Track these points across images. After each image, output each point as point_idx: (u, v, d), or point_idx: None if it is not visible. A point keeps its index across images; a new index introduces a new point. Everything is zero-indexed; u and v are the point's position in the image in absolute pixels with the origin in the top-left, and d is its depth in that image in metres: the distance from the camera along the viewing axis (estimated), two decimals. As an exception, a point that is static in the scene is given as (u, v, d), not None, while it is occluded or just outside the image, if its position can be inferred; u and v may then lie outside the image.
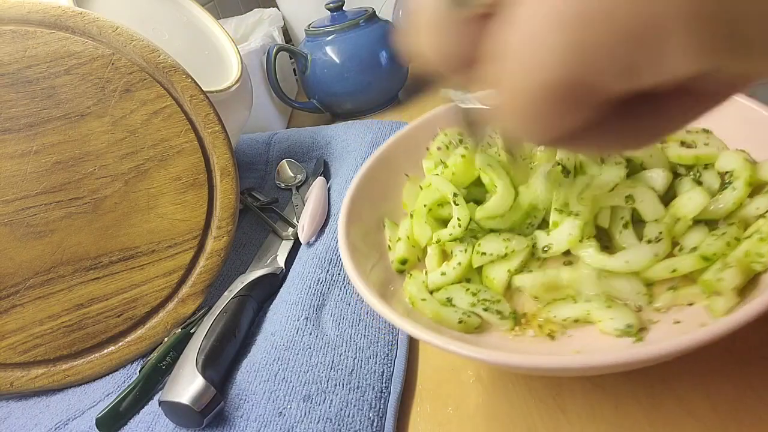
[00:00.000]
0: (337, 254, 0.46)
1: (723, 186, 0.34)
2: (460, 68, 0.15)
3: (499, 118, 0.15)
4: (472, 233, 0.37)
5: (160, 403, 0.34)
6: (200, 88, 0.45)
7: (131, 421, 0.37)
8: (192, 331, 0.42)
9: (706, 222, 0.33)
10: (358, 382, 0.34)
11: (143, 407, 0.38)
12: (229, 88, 0.55)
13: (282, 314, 0.41)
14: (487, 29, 0.14)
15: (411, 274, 0.36)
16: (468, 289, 0.34)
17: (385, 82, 0.79)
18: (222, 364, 0.37)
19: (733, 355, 0.30)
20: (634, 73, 0.12)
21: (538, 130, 0.14)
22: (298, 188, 0.61)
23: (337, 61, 0.75)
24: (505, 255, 0.34)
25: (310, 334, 0.38)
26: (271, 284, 0.46)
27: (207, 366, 0.36)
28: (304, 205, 0.55)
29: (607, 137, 0.15)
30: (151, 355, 0.41)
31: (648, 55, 0.12)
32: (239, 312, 0.41)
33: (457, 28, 0.15)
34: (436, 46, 0.15)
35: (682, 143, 0.36)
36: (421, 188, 0.40)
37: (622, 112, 0.14)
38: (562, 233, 0.33)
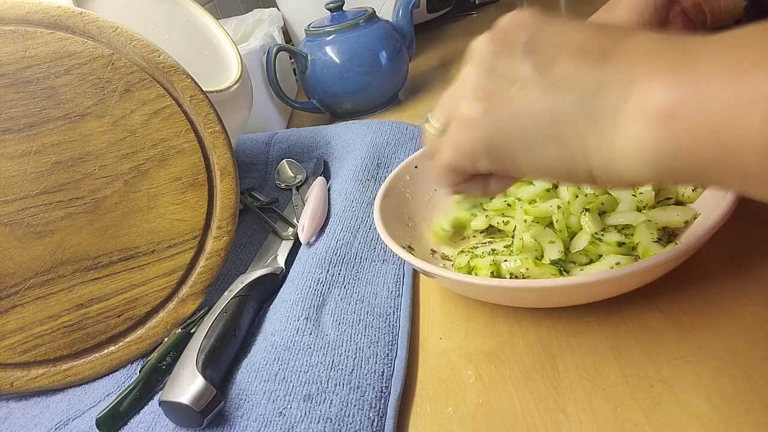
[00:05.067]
0: (337, 254, 0.46)
1: None
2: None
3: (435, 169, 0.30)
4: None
5: (161, 403, 0.34)
6: (200, 88, 0.45)
7: (131, 421, 0.37)
8: (192, 331, 0.42)
9: None
10: (358, 382, 0.34)
11: (143, 407, 0.38)
12: (229, 88, 0.55)
13: (282, 314, 0.41)
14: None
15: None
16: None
17: (385, 82, 0.79)
18: (222, 364, 0.37)
19: (732, 355, 0.30)
20: (474, 165, 0.27)
21: (447, 180, 0.30)
22: (298, 188, 0.61)
23: (337, 61, 0.75)
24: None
25: (310, 334, 0.38)
26: (271, 284, 0.46)
27: (207, 366, 0.36)
28: (304, 205, 0.55)
29: (476, 187, 0.30)
30: (152, 355, 0.41)
31: (474, 162, 0.27)
32: (239, 312, 0.41)
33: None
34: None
35: None
36: None
37: (480, 178, 0.30)
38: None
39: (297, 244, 0.51)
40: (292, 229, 0.53)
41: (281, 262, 0.49)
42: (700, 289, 0.35)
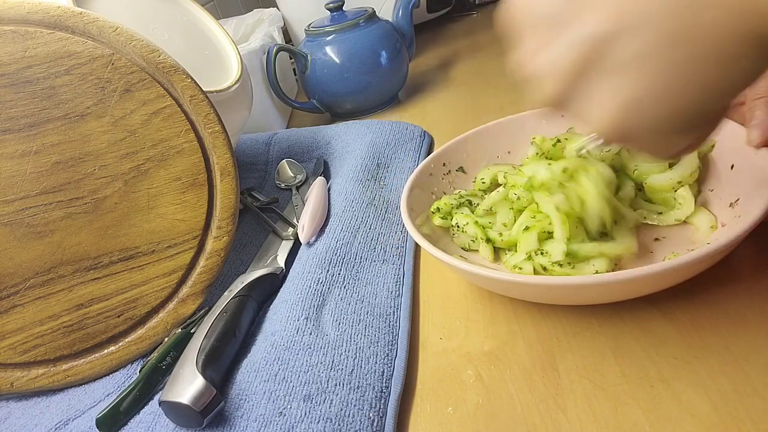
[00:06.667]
0: (337, 254, 0.46)
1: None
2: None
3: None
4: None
5: (161, 403, 0.34)
6: (200, 88, 0.45)
7: (131, 421, 0.37)
8: (192, 331, 0.42)
9: None
10: (358, 382, 0.34)
11: (143, 407, 0.38)
12: (229, 88, 0.55)
13: (282, 314, 0.41)
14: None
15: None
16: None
17: (385, 82, 0.79)
18: (222, 364, 0.37)
19: (732, 355, 0.30)
20: None
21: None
22: (298, 188, 0.61)
23: (337, 61, 0.75)
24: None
25: (310, 334, 0.38)
26: (271, 284, 0.46)
27: (207, 366, 0.36)
28: (304, 205, 0.55)
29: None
30: (152, 355, 0.41)
31: None
32: (239, 312, 0.41)
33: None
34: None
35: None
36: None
37: None
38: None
39: (297, 244, 0.51)
40: (292, 229, 0.53)
41: (281, 262, 0.49)
42: (700, 289, 0.35)
